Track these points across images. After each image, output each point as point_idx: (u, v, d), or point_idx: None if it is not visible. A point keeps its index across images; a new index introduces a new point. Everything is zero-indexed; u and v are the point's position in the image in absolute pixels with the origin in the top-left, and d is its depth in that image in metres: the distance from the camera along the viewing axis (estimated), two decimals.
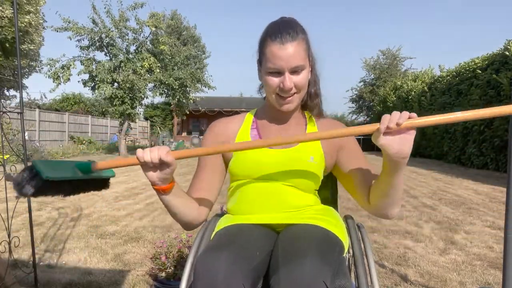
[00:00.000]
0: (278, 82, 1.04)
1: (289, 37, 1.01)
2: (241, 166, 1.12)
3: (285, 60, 1.01)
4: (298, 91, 1.06)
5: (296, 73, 1.03)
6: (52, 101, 25.34)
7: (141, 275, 2.35)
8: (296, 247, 0.90)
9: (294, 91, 1.05)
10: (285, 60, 1.01)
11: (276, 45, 1.01)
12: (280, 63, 1.01)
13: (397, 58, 27.45)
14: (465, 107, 10.68)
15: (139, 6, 12.85)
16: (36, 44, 12.24)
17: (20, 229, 3.44)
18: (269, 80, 1.05)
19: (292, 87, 1.04)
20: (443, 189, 6.27)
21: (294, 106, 1.09)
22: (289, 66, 1.02)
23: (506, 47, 8.92)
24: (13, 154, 4.41)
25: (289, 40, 1.01)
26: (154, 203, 4.79)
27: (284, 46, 1.00)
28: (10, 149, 2.69)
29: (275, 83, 1.05)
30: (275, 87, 1.05)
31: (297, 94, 1.07)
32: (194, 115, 24.78)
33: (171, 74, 14.05)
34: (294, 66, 1.02)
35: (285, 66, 1.02)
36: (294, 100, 1.08)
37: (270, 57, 1.03)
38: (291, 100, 1.07)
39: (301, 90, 1.07)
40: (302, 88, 1.06)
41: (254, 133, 1.17)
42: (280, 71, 1.03)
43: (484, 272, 2.52)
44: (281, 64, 1.01)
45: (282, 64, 1.01)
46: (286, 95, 1.05)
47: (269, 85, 1.06)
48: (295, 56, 1.01)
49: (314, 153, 1.11)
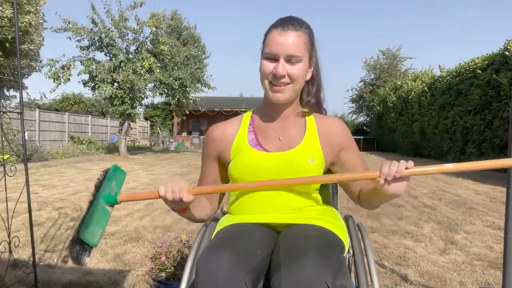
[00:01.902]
0: (272, 68, 1.04)
1: (291, 26, 1.03)
2: (240, 170, 1.11)
3: (282, 46, 1.02)
4: (292, 82, 1.06)
5: (292, 62, 1.04)
6: (52, 101, 25.36)
7: (141, 275, 2.35)
8: (297, 247, 0.90)
9: (287, 81, 1.05)
10: (282, 46, 1.02)
11: (277, 31, 1.03)
12: (277, 48, 1.02)
13: (397, 58, 27.45)
14: (465, 107, 10.70)
15: (138, 6, 12.85)
16: (36, 44, 12.25)
17: (20, 229, 3.43)
18: (264, 65, 1.06)
19: (284, 75, 1.04)
20: (443, 189, 6.27)
21: (284, 98, 1.08)
22: (285, 53, 1.02)
23: (506, 47, 8.92)
24: (13, 154, 4.41)
25: (291, 29, 1.03)
26: (154, 203, 4.79)
27: (284, 32, 1.02)
28: (10, 149, 2.69)
29: (269, 69, 1.05)
30: (268, 73, 1.06)
31: (290, 85, 1.06)
32: (194, 115, 24.77)
33: (171, 74, 14.04)
34: (290, 53, 1.02)
35: (281, 52, 1.02)
36: (286, 91, 1.06)
37: (269, 42, 1.05)
38: (282, 90, 1.06)
39: (295, 81, 1.06)
40: (295, 79, 1.05)
41: (252, 137, 1.15)
42: (275, 57, 1.03)
43: (484, 272, 2.52)
44: (277, 49, 1.02)
45: (278, 49, 1.02)
46: (278, 83, 1.05)
47: (262, 70, 1.07)
48: (294, 44, 1.02)
49: (313, 154, 1.10)
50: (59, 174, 7.93)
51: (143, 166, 10.12)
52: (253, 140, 1.14)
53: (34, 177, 7.06)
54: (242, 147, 1.12)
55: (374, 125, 23.38)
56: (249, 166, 1.09)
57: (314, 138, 1.13)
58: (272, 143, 1.13)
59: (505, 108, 8.70)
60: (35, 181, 6.64)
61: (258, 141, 1.14)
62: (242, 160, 1.10)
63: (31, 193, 2.13)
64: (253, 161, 1.09)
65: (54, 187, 6.10)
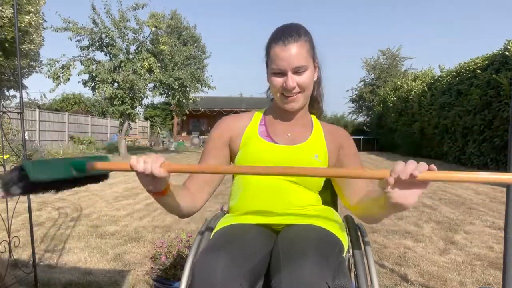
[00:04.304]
0: (282, 82, 1.07)
1: (291, 39, 1.04)
2: (248, 159, 1.13)
3: (287, 61, 1.04)
4: (302, 91, 1.09)
5: (299, 73, 1.06)
6: (52, 101, 25.35)
7: (141, 275, 2.35)
8: (296, 248, 0.90)
9: (298, 90, 1.08)
10: (287, 61, 1.04)
11: (279, 47, 1.05)
12: (282, 63, 1.05)
13: (397, 58, 27.42)
14: (465, 107, 10.69)
15: (140, 7, 12.86)
16: (36, 44, 12.23)
17: (20, 229, 3.43)
18: (273, 81, 1.09)
19: (295, 87, 1.07)
20: (443, 189, 6.27)
21: (298, 105, 1.12)
22: (292, 66, 1.05)
23: (506, 47, 8.91)
24: (13, 154, 4.41)
25: (291, 41, 1.04)
26: (154, 203, 4.79)
27: (286, 47, 1.04)
28: (10, 149, 2.69)
29: (279, 83, 1.08)
30: (279, 87, 1.09)
31: (301, 93, 1.10)
32: (194, 115, 24.76)
33: (171, 74, 14.04)
34: (296, 66, 1.05)
35: (287, 67, 1.05)
36: (299, 100, 1.11)
37: (274, 58, 1.06)
38: (295, 99, 1.10)
39: (305, 89, 1.10)
40: (305, 87, 1.09)
41: (262, 129, 1.19)
42: (283, 71, 1.06)
43: (484, 272, 2.52)
44: (283, 65, 1.05)
45: (284, 65, 1.05)
46: (290, 94, 1.08)
47: (273, 85, 1.10)
48: (297, 56, 1.04)
49: (318, 151, 1.14)
50: None
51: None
52: (263, 132, 1.19)
53: None
54: (252, 137, 1.16)
55: (374, 125, 23.37)
56: (256, 155, 1.12)
57: (320, 136, 1.18)
58: (281, 137, 1.17)
59: (505, 108, 8.69)
60: None
61: (268, 133, 1.18)
62: (251, 149, 1.13)
63: None
64: (261, 151, 1.13)
65: None
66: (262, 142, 1.15)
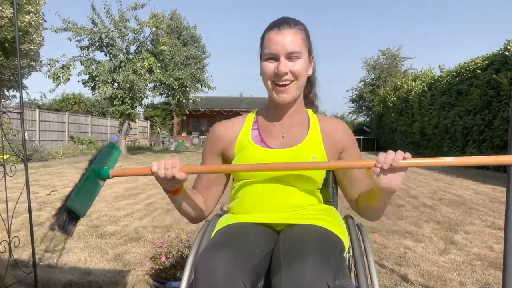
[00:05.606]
0: (274, 68, 1.05)
1: (286, 25, 1.04)
2: None
3: (281, 45, 1.03)
4: (295, 78, 1.06)
5: (292, 59, 1.04)
6: (52, 101, 25.35)
7: (141, 275, 2.35)
8: (297, 248, 0.90)
9: (291, 78, 1.05)
10: (281, 45, 1.03)
11: (273, 32, 1.04)
12: (276, 47, 1.03)
13: (397, 58, 27.45)
14: (465, 107, 10.69)
15: (139, 7, 12.86)
16: (36, 44, 12.21)
17: (20, 229, 3.43)
18: (265, 67, 1.06)
19: (287, 72, 1.04)
20: (443, 189, 6.27)
21: (290, 97, 1.08)
22: (285, 51, 1.03)
23: (506, 47, 8.92)
24: (13, 154, 4.41)
25: (286, 27, 1.04)
26: (154, 203, 4.80)
27: (281, 31, 1.03)
28: (10, 149, 2.69)
29: (271, 69, 1.05)
30: (270, 73, 1.06)
31: (293, 82, 1.06)
32: (194, 115, 24.77)
33: (171, 74, 14.05)
34: (289, 51, 1.03)
35: (280, 51, 1.03)
36: (291, 91, 1.07)
37: (267, 43, 1.05)
38: (286, 90, 1.06)
39: (298, 77, 1.06)
40: (298, 75, 1.06)
41: (255, 134, 1.16)
42: (276, 56, 1.04)
43: (484, 272, 2.52)
44: (276, 48, 1.03)
45: (277, 48, 1.03)
46: (282, 82, 1.05)
47: (264, 72, 1.07)
48: (292, 41, 1.03)
49: (316, 152, 1.11)
50: (59, 174, 7.94)
51: (143, 166, 10.12)
52: (256, 137, 1.15)
53: (34, 177, 7.06)
54: (246, 144, 1.13)
55: (374, 125, 23.39)
56: (254, 162, 1.10)
57: (317, 136, 1.14)
58: (276, 140, 1.14)
59: (505, 108, 8.70)
60: (35, 181, 6.64)
61: (261, 138, 1.15)
62: (245, 156, 1.11)
63: (31, 193, 2.13)
64: (257, 158, 1.10)
65: (54, 187, 6.10)
66: (256, 148, 1.12)
